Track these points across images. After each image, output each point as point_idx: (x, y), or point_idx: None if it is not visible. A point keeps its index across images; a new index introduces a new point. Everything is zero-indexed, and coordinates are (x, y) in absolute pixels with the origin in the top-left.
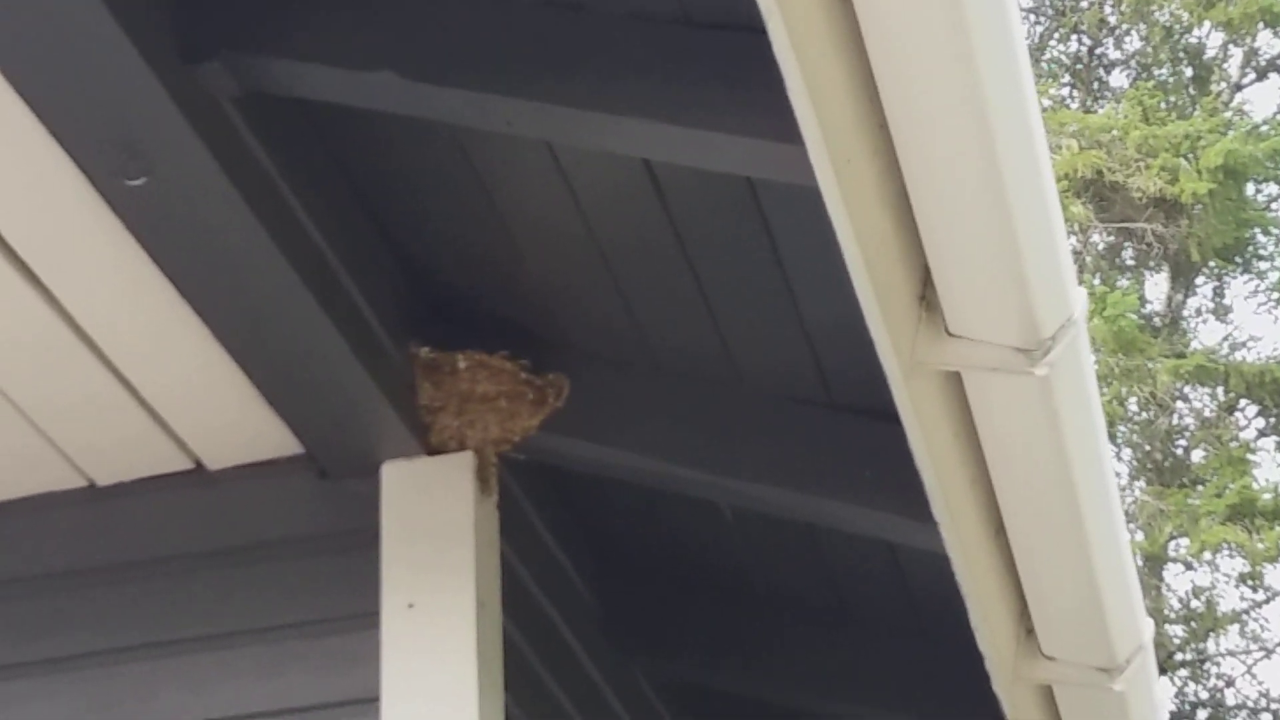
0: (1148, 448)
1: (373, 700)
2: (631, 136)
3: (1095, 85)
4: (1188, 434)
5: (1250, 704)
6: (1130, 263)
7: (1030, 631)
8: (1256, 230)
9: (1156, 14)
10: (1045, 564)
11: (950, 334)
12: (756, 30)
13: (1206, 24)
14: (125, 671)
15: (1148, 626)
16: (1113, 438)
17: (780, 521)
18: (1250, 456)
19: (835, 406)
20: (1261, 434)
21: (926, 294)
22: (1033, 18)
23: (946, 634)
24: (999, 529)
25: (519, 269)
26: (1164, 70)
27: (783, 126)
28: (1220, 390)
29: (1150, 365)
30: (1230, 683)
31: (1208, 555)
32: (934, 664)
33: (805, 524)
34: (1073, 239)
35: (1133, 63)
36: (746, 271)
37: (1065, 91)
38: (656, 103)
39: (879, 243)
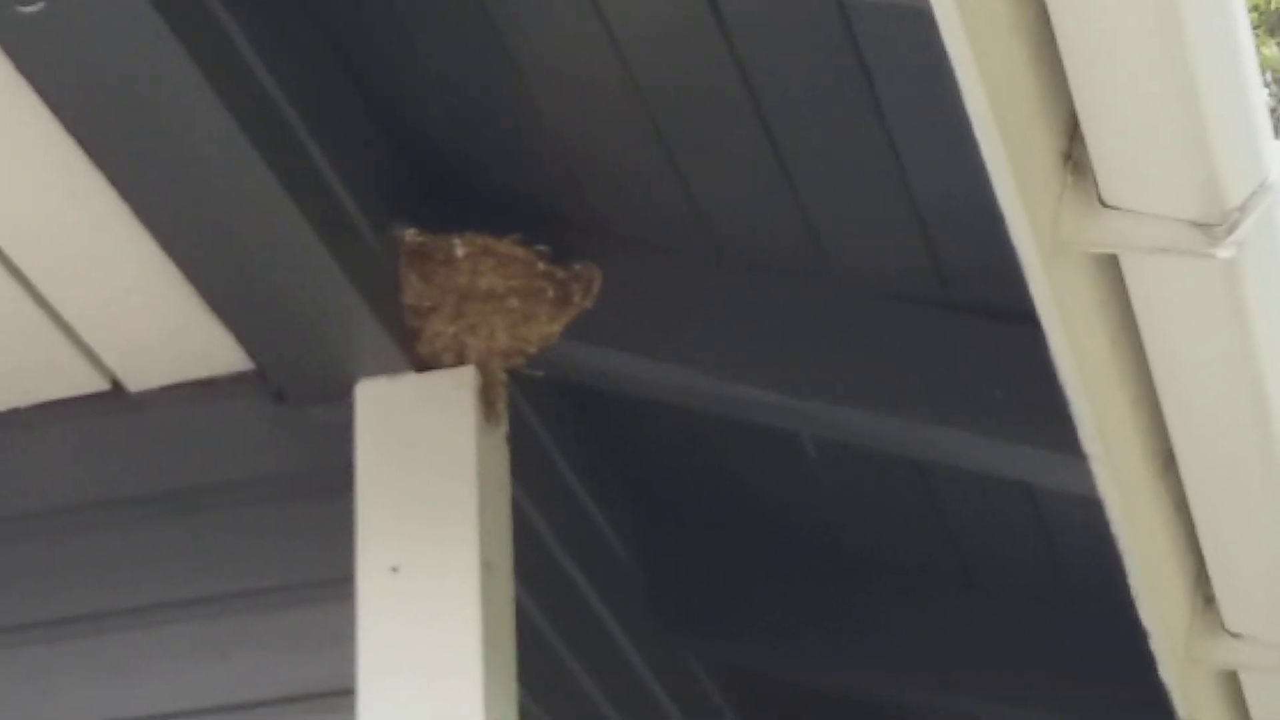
0: None
1: (345, 693)
2: None
3: None
4: None
5: None
6: None
7: (1210, 600)
8: None
9: None
10: (1230, 510)
11: (1105, 205)
12: None
13: None
14: (18, 657)
15: None
16: None
17: (880, 458)
18: None
19: (953, 305)
20: None
21: (1073, 152)
22: None
23: (1099, 604)
24: (1168, 463)
25: (535, 127)
26: None
27: None
28: None
29: None
30: None
31: None
32: (1083, 643)
33: (913, 461)
34: (1264, 92)
35: None
36: (836, 127)
37: None
38: None
39: (1011, 82)
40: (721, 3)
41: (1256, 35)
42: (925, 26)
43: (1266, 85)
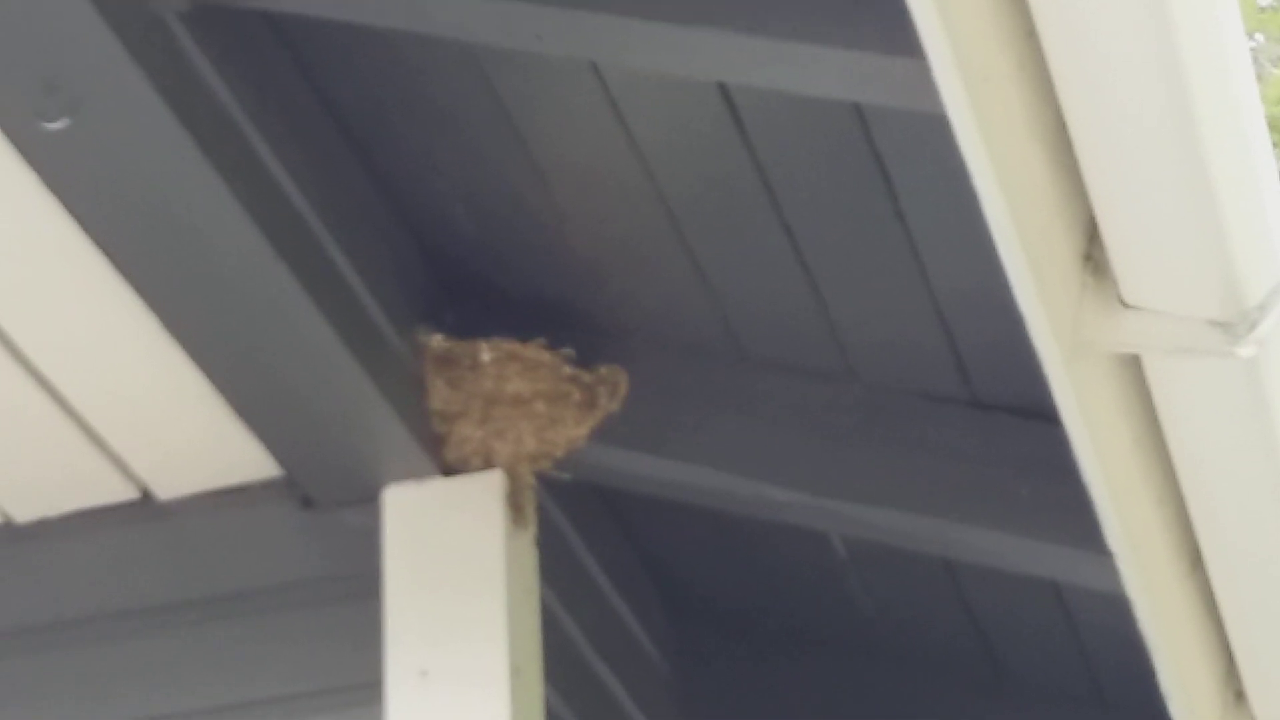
0: None
1: None
2: (702, 53)
3: None
4: None
5: None
6: None
7: (1240, 696)
8: None
9: None
10: (1259, 607)
11: (1125, 304)
12: None
13: None
14: None
15: None
16: None
17: (909, 556)
18: None
19: (978, 404)
20: None
21: (1093, 253)
22: None
23: (1130, 701)
24: (1196, 561)
25: (560, 231)
26: None
27: (899, 36)
28: None
29: None
30: None
31: None
32: None
33: (942, 559)
34: None
35: None
36: (857, 229)
37: None
38: (733, 8)
39: (1029, 186)
40: (741, 107)
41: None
42: (943, 130)
43: None
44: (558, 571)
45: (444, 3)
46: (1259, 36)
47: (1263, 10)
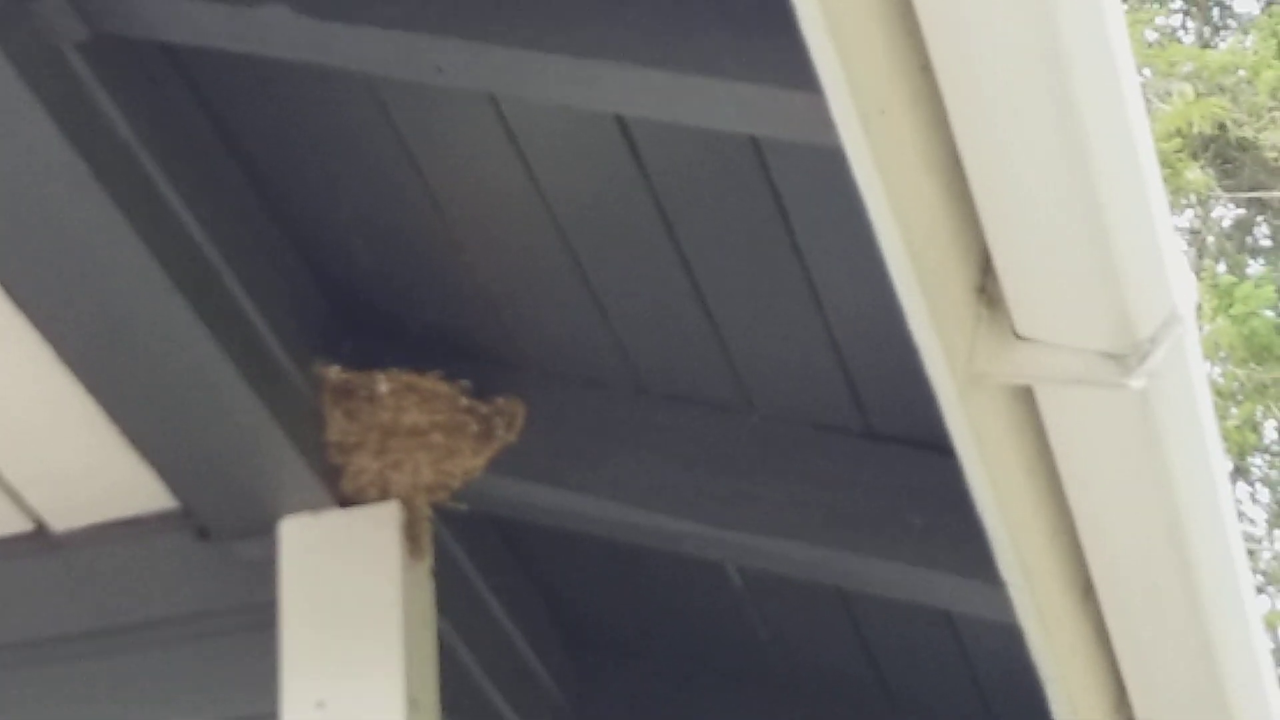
0: None
1: None
2: (600, 86)
3: (1216, 12)
4: None
5: None
6: (1265, 243)
7: None
8: None
9: None
10: (1149, 637)
11: (1019, 336)
12: None
13: None
14: None
15: None
16: (1243, 472)
17: (804, 586)
18: None
19: (872, 435)
20: None
21: (986, 285)
22: None
23: None
24: (1087, 590)
25: (458, 262)
26: None
27: (796, 70)
28: None
29: None
30: None
31: None
32: None
33: (836, 589)
34: (1188, 213)
35: None
36: (754, 261)
37: (1177, 21)
38: (632, 41)
39: (923, 219)
40: (639, 139)
41: (1180, 159)
42: (839, 163)
43: (1191, 206)
44: (454, 603)
45: (343, 34)
46: (1146, 71)
47: (1149, 46)
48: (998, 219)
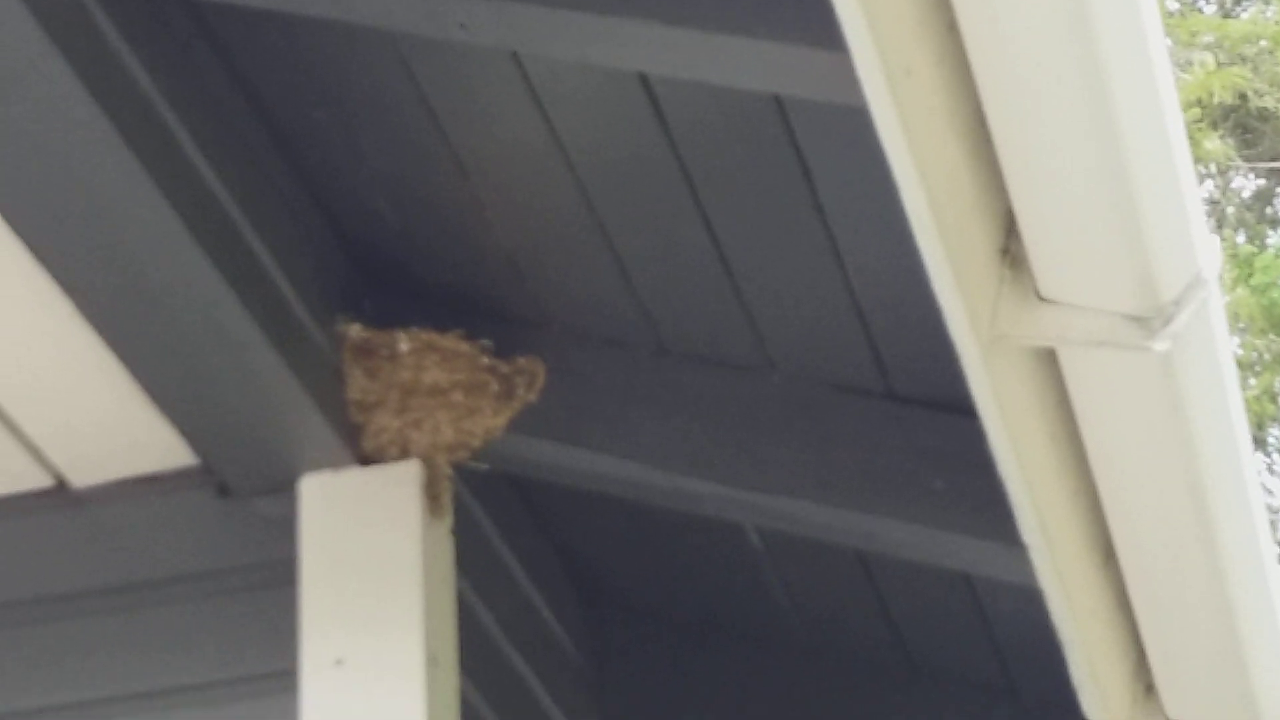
0: None
1: None
2: (624, 44)
3: None
4: None
5: None
6: None
7: (1150, 689)
8: None
9: None
10: (1169, 601)
11: (1042, 298)
12: None
13: None
14: None
15: None
16: (1262, 443)
17: (823, 548)
18: None
19: (894, 397)
20: None
21: (1010, 247)
22: None
23: (1041, 692)
24: (1109, 555)
25: (479, 222)
26: None
27: (821, 28)
28: None
29: None
30: None
31: None
32: None
33: (856, 551)
34: (1208, 184)
35: None
36: (776, 222)
37: None
38: None
39: (948, 180)
40: (663, 100)
41: (1200, 129)
42: (863, 123)
43: (1210, 176)
44: (473, 562)
45: None
46: (1167, 41)
47: (1171, 15)
48: (1022, 180)
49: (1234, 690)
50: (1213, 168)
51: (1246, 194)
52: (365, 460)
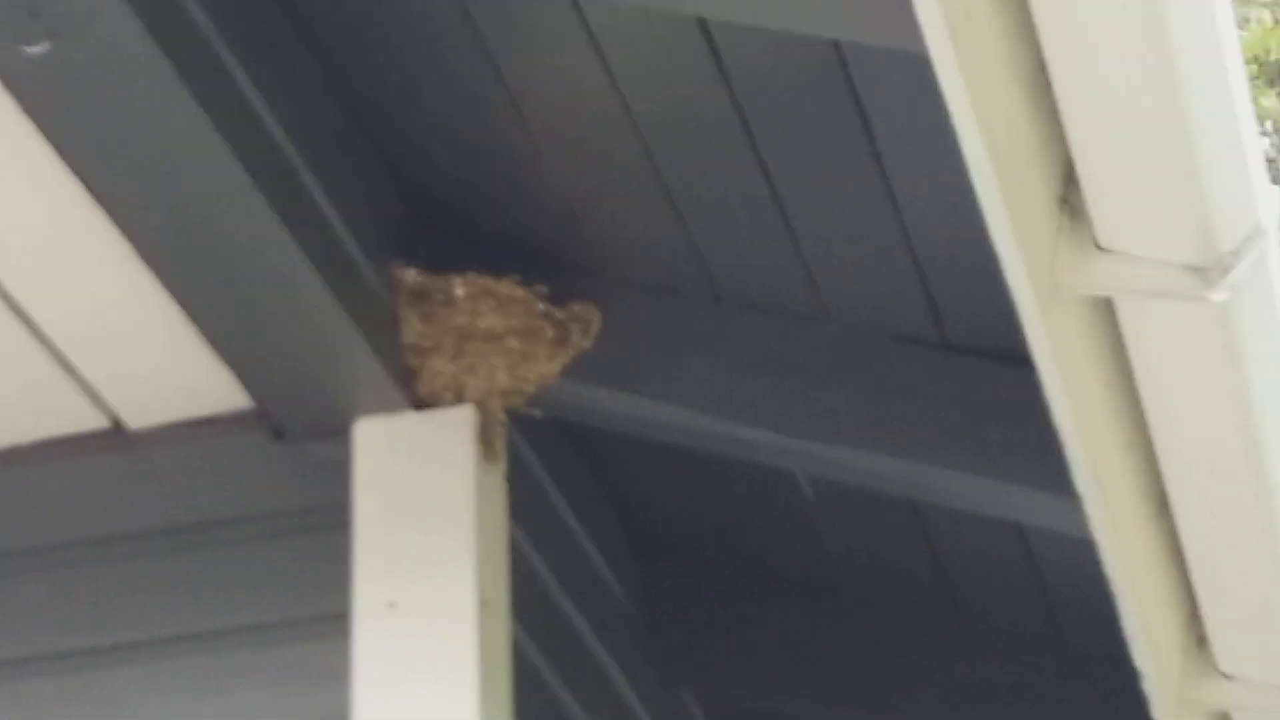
0: None
1: None
2: None
3: None
4: None
5: None
6: None
7: (1203, 641)
8: None
9: None
10: (1223, 553)
11: (1100, 248)
12: None
13: None
14: (16, 692)
15: None
16: None
17: (875, 497)
18: None
19: (949, 347)
20: None
21: (1069, 196)
22: None
23: (1093, 645)
24: (1162, 506)
25: (535, 168)
26: None
27: None
28: None
29: None
30: None
31: None
32: (1075, 684)
33: (909, 501)
34: (1264, 141)
35: None
36: (833, 169)
37: None
38: None
39: (1008, 128)
40: (721, 47)
41: (1256, 86)
42: (922, 71)
43: (1267, 135)
44: (526, 508)
45: None
46: None
47: None
48: (1082, 129)
49: None
50: (1268, 125)
51: None
52: (419, 405)
